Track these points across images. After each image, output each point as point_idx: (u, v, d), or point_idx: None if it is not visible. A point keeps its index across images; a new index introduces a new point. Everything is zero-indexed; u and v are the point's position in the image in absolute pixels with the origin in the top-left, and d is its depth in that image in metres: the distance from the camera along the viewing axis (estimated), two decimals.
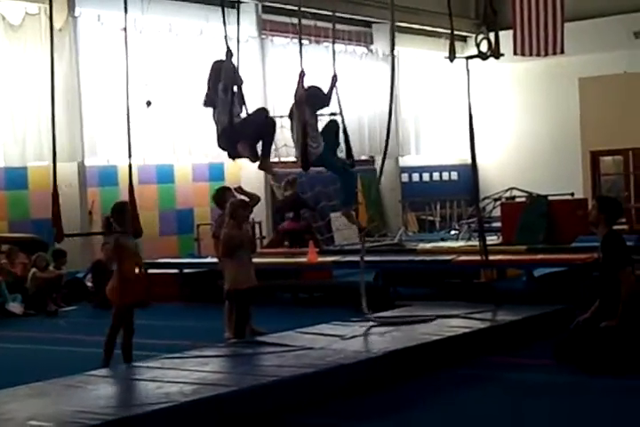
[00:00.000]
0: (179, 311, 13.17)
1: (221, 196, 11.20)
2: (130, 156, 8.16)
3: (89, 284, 14.52)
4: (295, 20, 20.60)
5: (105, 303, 13.31)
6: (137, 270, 8.81)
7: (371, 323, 9.70)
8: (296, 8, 20.39)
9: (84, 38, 16.89)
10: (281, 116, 17.31)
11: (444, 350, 8.67)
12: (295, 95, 10.06)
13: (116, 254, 8.66)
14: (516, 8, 21.84)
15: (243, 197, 10.67)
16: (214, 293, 11.66)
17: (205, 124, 18.23)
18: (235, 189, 11.19)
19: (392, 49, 11.17)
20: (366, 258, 11.08)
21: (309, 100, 10.07)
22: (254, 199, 10.65)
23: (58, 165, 16.32)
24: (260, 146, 9.80)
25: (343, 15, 19.94)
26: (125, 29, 8.93)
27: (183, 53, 18.38)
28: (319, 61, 21.05)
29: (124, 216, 8.52)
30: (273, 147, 9.86)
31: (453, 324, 9.57)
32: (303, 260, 13.84)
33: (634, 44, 23.74)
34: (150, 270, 12.60)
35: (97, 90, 17.05)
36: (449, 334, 9.01)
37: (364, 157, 22.46)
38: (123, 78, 17.18)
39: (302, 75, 10.08)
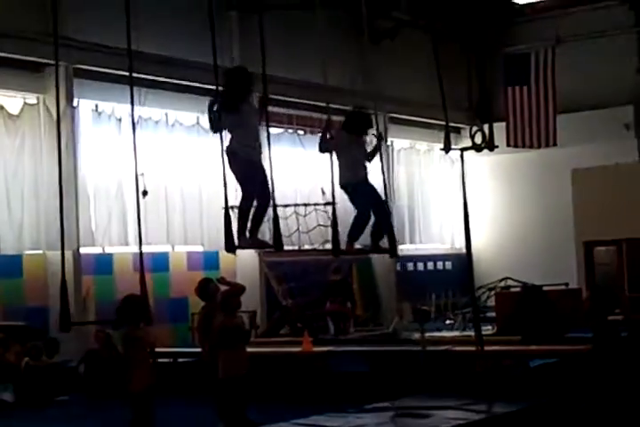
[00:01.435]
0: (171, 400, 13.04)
1: (204, 288, 11.26)
2: (140, 244, 8.26)
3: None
4: (291, 111, 20.92)
5: (99, 393, 13.26)
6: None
7: (364, 414, 9.62)
8: (291, 99, 20.86)
9: (82, 128, 17.07)
10: (276, 206, 17.56)
11: None
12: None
13: (130, 346, 8.70)
14: (508, 101, 22.21)
15: (225, 287, 10.69)
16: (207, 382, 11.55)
17: (200, 212, 18.57)
18: (217, 279, 11.23)
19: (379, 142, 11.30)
20: (361, 348, 11.05)
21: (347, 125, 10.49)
22: (238, 289, 10.65)
23: (52, 253, 16.45)
24: None
25: (336, 106, 20.18)
26: (133, 122, 9.11)
27: (179, 143, 18.57)
28: (315, 151, 21.35)
29: (136, 308, 8.64)
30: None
31: (448, 416, 9.50)
32: (298, 349, 13.77)
33: (625, 136, 24.04)
34: None
35: (93, 179, 17.18)
36: (444, 426, 8.94)
37: (358, 246, 22.44)
38: (119, 167, 17.40)
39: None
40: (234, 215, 9.54)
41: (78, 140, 16.86)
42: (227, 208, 9.08)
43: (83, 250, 16.59)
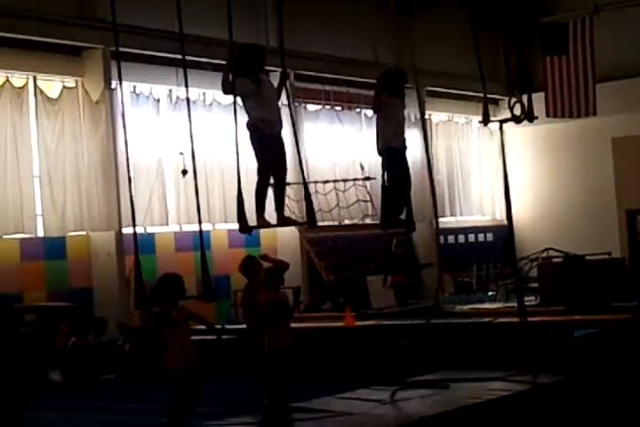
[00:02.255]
0: (216, 377, 13.17)
1: (248, 265, 11.32)
2: (200, 222, 8.34)
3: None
4: (327, 87, 20.93)
5: (145, 372, 13.38)
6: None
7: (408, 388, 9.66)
8: (328, 75, 20.87)
9: (121, 109, 17.16)
10: (315, 182, 17.60)
11: (484, 414, 8.61)
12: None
13: (165, 324, 8.75)
14: (547, 71, 22.06)
15: (269, 264, 10.75)
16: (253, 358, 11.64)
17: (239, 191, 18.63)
18: (260, 256, 11.29)
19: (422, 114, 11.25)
20: (403, 322, 11.07)
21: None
22: (282, 265, 10.71)
23: (95, 234, 16.63)
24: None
25: (372, 81, 20.18)
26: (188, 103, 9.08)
27: (217, 123, 18.64)
28: (353, 127, 21.37)
29: (171, 287, 8.72)
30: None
31: (493, 387, 9.52)
32: (340, 324, 13.85)
33: None
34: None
35: (133, 160, 17.29)
36: (489, 397, 8.96)
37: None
38: (158, 147, 17.52)
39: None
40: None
41: (118, 122, 16.95)
42: (239, 187, 9.01)
43: (125, 231, 16.73)
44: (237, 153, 8.90)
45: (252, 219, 9.31)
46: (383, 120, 10.20)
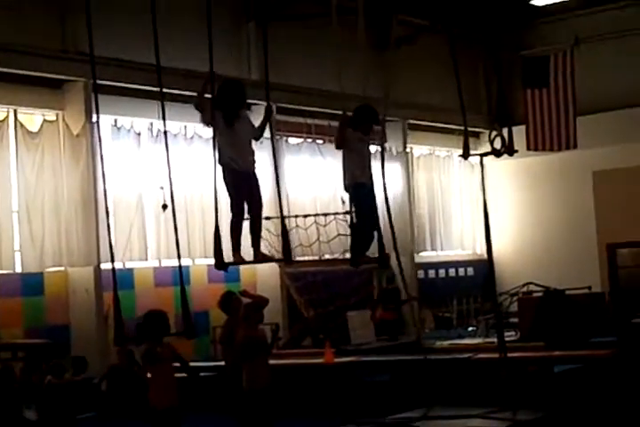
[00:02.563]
0: (193, 415, 13.05)
1: (227, 301, 11.28)
2: (179, 257, 8.32)
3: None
4: (309, 121, 20.92)
5: (122, 410, 13.23)
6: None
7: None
8: (309, 108, 20.85)
9: (101, 143, 17.09)
10: (296, 216, 17.56)
11: None
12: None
13: (149, 362, 8.69)
14: (528, 103, 22.11)
15: (248, 300, 10.70)
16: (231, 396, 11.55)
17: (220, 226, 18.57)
18: (240, 292, 11.24)
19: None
20: (382, 357, 11.02)
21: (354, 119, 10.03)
22: (262, 301, 10.66)
23: (73, 270, 16.50)
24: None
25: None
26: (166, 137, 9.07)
27: (198, 156, 18.61)
28: (334, 161, 21.36)
29: (157, 324, 8.67)
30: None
31: (472, 424, 9.47)
32: (320, 360, 13.77)
33: None
34: None
35: (112, 194, 17.24)
36: None
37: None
38: (138, 182, 17.43)
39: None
40: None
41: (98, 156, 16.89)
42: (217, 223, 8.99)
43: (103, 266, 16.64)
44: (215, 188, 8.89)
45: (229, 255, 9.26)
46: (348, 155, 10.12)
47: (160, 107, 9.57)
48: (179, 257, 8.86)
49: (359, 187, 9.95)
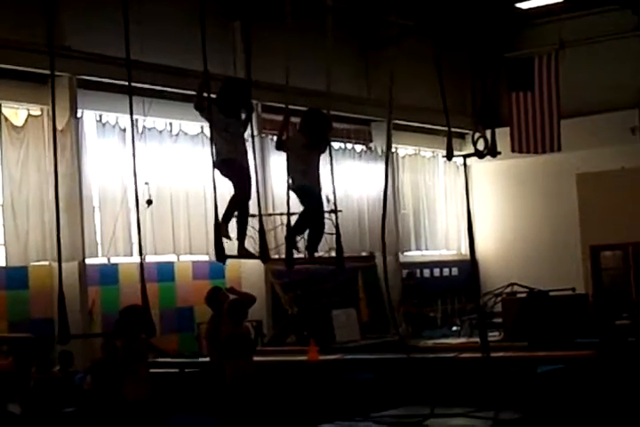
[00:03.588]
0: (177, 410, 13.04)
1: (214, 297, 11.27)
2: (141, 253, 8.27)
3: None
4: (295, 120, 20.90)
5: (106, 405, 13.19)
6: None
7: (372, 423, 9.61)
8: (295, 107, 20.77)
9: (86, 139, 17.09)
10: (280, 214, 17.54)
11: None
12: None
13: (126, 357, 8.73)
14: (512, 106, 22.17)
15: (235, 297, 10.71)
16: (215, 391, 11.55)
17: (205, 222, 18.58)
18: (227, 289, 11.24)
19: (388, 147, 11.25)
20: (366, 356, 11.04)
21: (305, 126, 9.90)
22: (249, 299, 10.68)
23: (58, 264, 16.38)
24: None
25: (341, 114, 20.19)
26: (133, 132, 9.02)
27: (183, 153, 18.61)
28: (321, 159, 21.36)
29: (134, 320, 8.67)
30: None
31: (455, 423, 9.49)
32: (304, 358, 13.77)
33: (631, 140, 23.96)
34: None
35: (98, 189, 17.23)
36: None
37: (364, 254, 22.53)
38: (123, 177, 17.41)
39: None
40: None
41: (83, 152, 16.88)
42: (216, 217, 8.94)
43: (88, 261, 16.60)
44: (214, 181, 8.80)
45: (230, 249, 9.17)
46: (290, 159, 9.96)
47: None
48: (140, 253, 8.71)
49: (301, 189, 9.84)
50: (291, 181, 9.85)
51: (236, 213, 9.17)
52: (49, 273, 16.18)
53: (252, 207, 9.33)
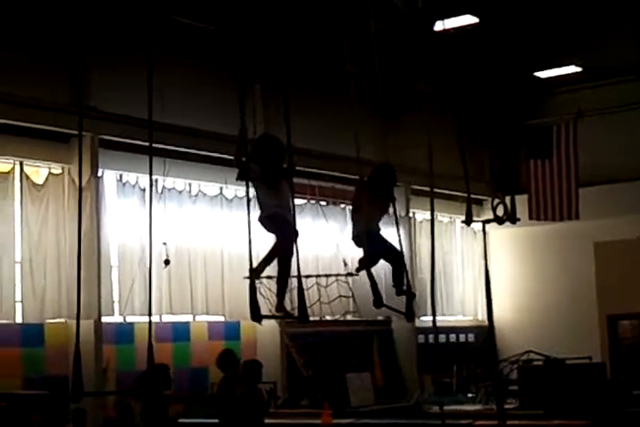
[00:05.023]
0: None
1: (225, 359, 11.31)
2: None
3: None
4: (314, 182, 21.03)
5: None
6: None
7: None
8: (314, 170, 20.97)
9: (106, 197, 17.20)
10: (307, 276, 17.55)
11: None
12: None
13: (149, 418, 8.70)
14: (530, 173, 22.27)
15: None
16: None
17: (221, 283, 18.61)
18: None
19: (432, 219, 11.29)
20: (380, 421, 10.97)
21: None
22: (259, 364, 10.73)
23: (74, 322, 16.33)
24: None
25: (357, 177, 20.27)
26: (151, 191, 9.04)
27: (202, 214, 18.69)
28: (336, 223, 21.44)
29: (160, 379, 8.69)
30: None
31: None
32: (318, 421, 13.69)
33: None
34: None
35: (117, 248, 17.29)
36: None
37: (380, 318, 22.44)
38: (141, 237, 17.46)
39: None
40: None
41: (103, 211, 16.97)
42: (252, 276, 8.79)
43: (104, 319, 16.60)
44: (250, 242, 8.68)
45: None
46: (357, 214, 10.11)
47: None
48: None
49: (363, 234, 9.98)
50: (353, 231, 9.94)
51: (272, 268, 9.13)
52: (64, 331, 16.16)
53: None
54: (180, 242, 18.12)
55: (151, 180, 9.62)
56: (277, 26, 16.23)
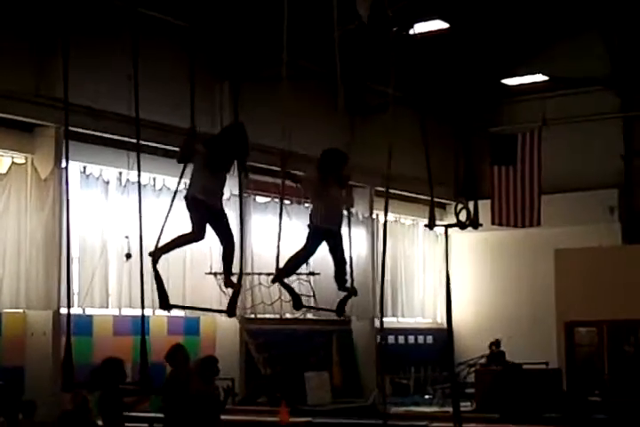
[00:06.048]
0: None
1: (174, 354, 11.27)
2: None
3: None
4: (278, 180, 20.97)
5: None
6: None
7: None
8: (279, 169, 20.86)
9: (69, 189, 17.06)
10: (259, 274, 17.52)
11: None
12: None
13: (105, 410, 8.64)
14: (494, 180, 22.35)
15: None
16: None
17: (183, 278, 18.53)
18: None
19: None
20: (337, 420, 10.97)
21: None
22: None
23: (32, 312, 16.33)
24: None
25: None
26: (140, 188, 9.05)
27: (165, 207, 18.59)
28: (300, 222, 21.42)
29: (116, 372, 8.61)
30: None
31: None
32: (275, 419, 13.67)
33: (609, 219, 24.19)
34: None
35: (78, 240, 17.18)
36: None
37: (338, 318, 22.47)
38: (103, 230, 17.37)
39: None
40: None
41: (64, 201, 16.85)
42: (155, 263, 8.81)
43: (62, 310, 16.50)
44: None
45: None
46: (317, 202, 10.07)
47: (133, 157, 9.53)
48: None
49: (328, 232, 9.95)
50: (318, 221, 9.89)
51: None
52: (22, 321, 16.07)
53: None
54: (144, 236, 18.01)
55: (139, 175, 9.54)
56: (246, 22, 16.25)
